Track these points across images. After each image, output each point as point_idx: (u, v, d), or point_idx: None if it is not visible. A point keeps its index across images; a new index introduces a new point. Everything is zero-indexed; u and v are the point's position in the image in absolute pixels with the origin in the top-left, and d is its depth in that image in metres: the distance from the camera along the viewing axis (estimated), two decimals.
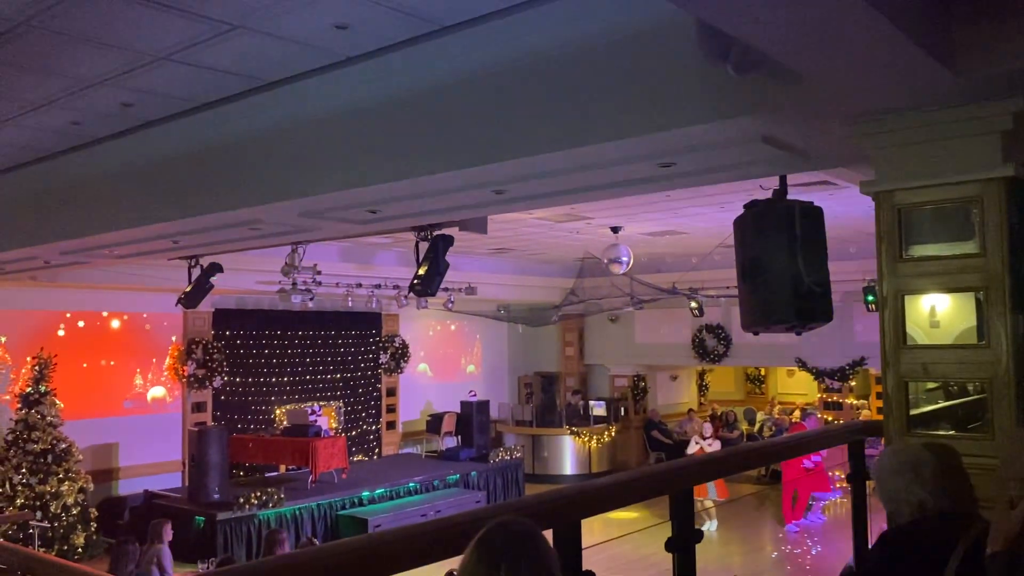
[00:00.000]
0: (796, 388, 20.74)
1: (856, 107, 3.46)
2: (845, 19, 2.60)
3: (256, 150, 5.30)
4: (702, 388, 20.74)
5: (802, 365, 15.79)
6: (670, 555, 3.01)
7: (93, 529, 10.96)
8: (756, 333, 4.91)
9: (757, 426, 18.50)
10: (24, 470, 10.56)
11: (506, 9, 3.74)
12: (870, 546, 3.82)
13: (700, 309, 14.90)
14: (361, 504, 12.33)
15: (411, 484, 13.26)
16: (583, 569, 2.70)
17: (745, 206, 4.74)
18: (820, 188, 7.90)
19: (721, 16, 2.68)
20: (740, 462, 3.82)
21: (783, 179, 4.78)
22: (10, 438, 10.67)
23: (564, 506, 2.64)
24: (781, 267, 4.45)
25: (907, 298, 3.50)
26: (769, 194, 4.68)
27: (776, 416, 17.86)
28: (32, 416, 10.76)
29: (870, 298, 12.47)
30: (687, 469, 3.15)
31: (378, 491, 12.71)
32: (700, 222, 11.18)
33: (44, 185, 6.75)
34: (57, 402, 11.02)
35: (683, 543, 3.08)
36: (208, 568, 8.29)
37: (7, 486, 10.46)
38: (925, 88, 3.18)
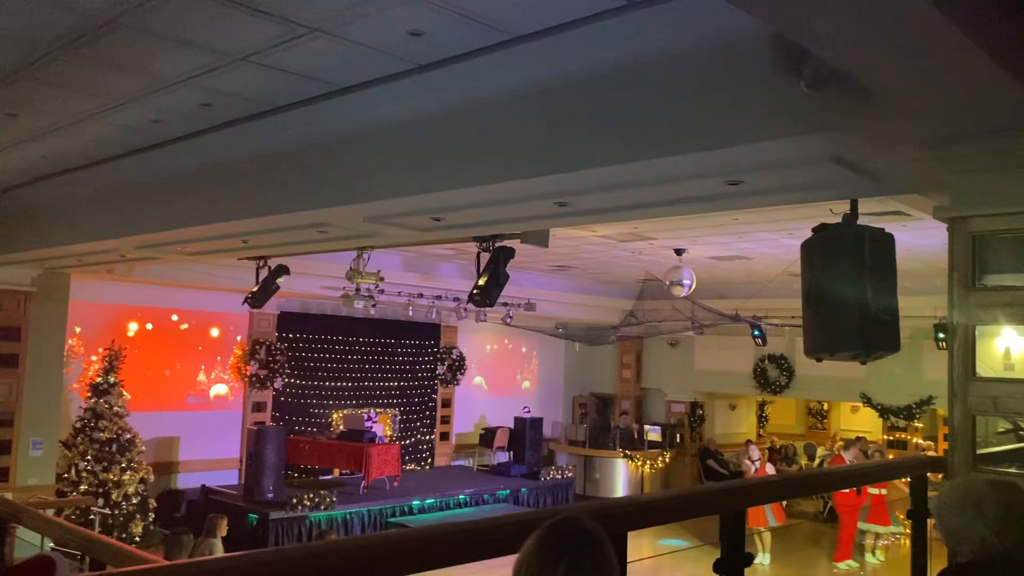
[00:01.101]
0: (860, 425, 20.11)
1: (932, 130, 3.36)
2: (926, 37, 2.53)
3: (325, 154, 5.42)
4: (762, 420, 20.28)
5: (867, 401, 15.33)
6: None
7: (151, 519, 11.23)
8: (819, 359, 4.78)
9: (817, 461, 17.98)
10: (89, 457, 10.88)
11: (578, 20, 3.75)
12: None
13: (763, 338, 14.60)
14: (411, 513, 12.39)
15: (461, 496, 13.28)
16: None
17: (814, 229, 4.64)
18: (893, 218, 7.69)
19: (796, 29, 2.64)
20: (795, 487, 3.72)
21: (854, 203, 4.67)
22: (78, 425, 11.02)
23: (613, 516, 2.61)
24: (848, 293, 4.34)
25: (978, 329, 3.38)
26: (839, 219, 4.59)
27: (837, 452, 17.35)
28: (100, 405, 11.10)
29: (940, 335, 12.06)
30: (740, 490, 3.08)
31: (428, 501, 12.76)
32: (767, 248, 10.99)
33: (124, 181, 7.00)
34: (124, 393, 11.35)
35: (732, 565, 3.01)
36: None
37: (72, 472, 10.80)
38: (1007, 112, 3.08)
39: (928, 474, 4.17)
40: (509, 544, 1.96)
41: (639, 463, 16.76)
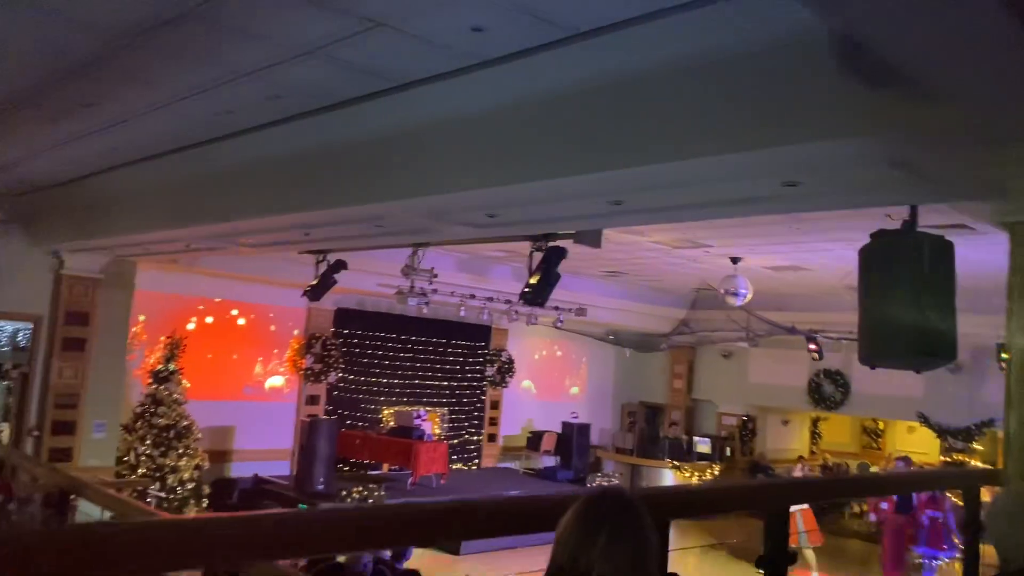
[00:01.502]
0: (916, 446, 19.58)
1: (997, 132, 3.31)
2: (992, 36, 2.50)
3: (385, 148, 5.53)
4: (815, 436, 19.90)
5: (924, 421, 14.95)
6: None
7: (205, 505, 11.53)
8: (873, 367, 4.72)
9: None
10: (148, 442, 11.23)
11: (639, 18, 3.78)
12: None
13: (819, 352, 14.36)
14: None
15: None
16: (669, 571, 2.68)
17: (872, 235, 4.59)
18: (956, 231, 7.52)
19: (855, 25, 2.64)
20: (843, 489, 3.68)
21: (913, 209, 4.60)
22: (139, 410, 11.38)
23: (655, 503, 2.62)
24: (905, 301, 4.29)
25: None
26: (899, 226, 4.53)
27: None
28: (160, 392, 11.45)
29: (1004, 356, 11.71)
30: (785, 487, 3.07)
31: None
32: (825, 259, 10.82)
33: (192, 171, 7.24)
34: (184, 381, 11.69)
35: (775, 562, 3.01)
36: None
37: (132, 455, 11.15)
38: None
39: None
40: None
41: (687, 474, 16.60)
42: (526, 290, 6.96)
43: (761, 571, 3.01)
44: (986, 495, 4.03)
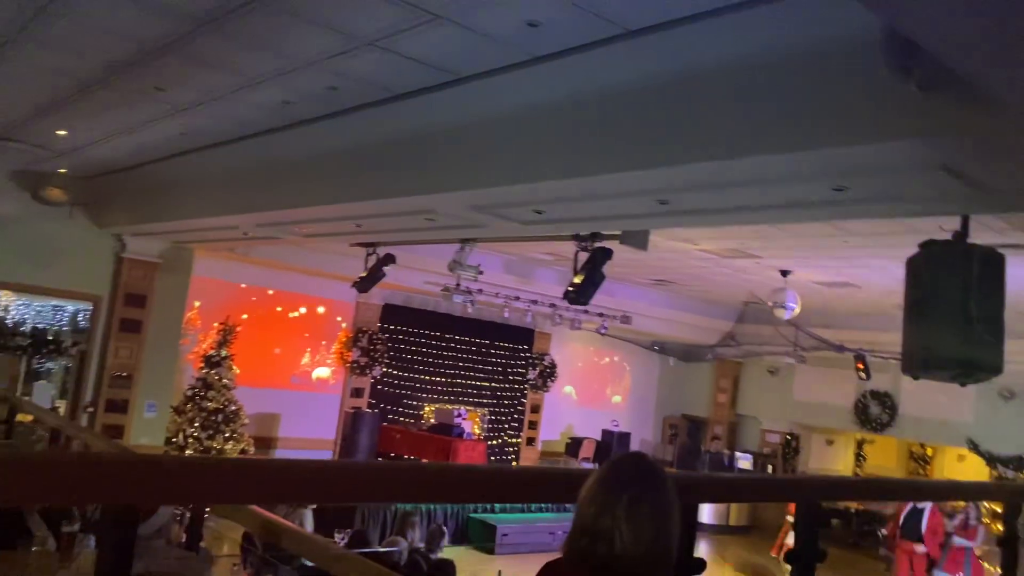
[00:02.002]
0: (965, 476, 19.06)
1: None
2: None
3: (436, 141, 5.65)
4: (859, 458, 19.53)
5: (973, 448, 14.57)
6: None
7: None
8: (916, 377, 4.68)
9: None
10: (197, 424, 11.52)
11: (693, 16, 3.84)
12: None
13: (867, 372, 14.11)
14: (492, 511, 12.54)
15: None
16: (695, 556, 2.71)
17: (921, 245, 4.56)
18: (1014, 252, 7.37)
19: (914, 25, 2.64)
20: (876, 490, 3.66)
21: (965, 220, 4.56)
22: (189, 393, 11.69)
23: (685, 486, 2.66)
24: (952, 311, 4.25)
25: None
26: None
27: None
28: (211, 377, 11.74)
29: None
30: (818, 481, 3.07)
31: None
32: (877, 276, 10.67)
33: (251, 160, 7.46)
34: (234, 367, 11.98)
35: (804, 557, 3.01)
36: (343, 538, 8.74)
37: (180, 436, 11.45)
38: None
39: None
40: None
41: None
42: (570, 289, 7.01)
43: (789, 566, 3.03)
44: None
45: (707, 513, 16.44)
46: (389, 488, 2.19)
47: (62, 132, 7.88)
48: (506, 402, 16.14)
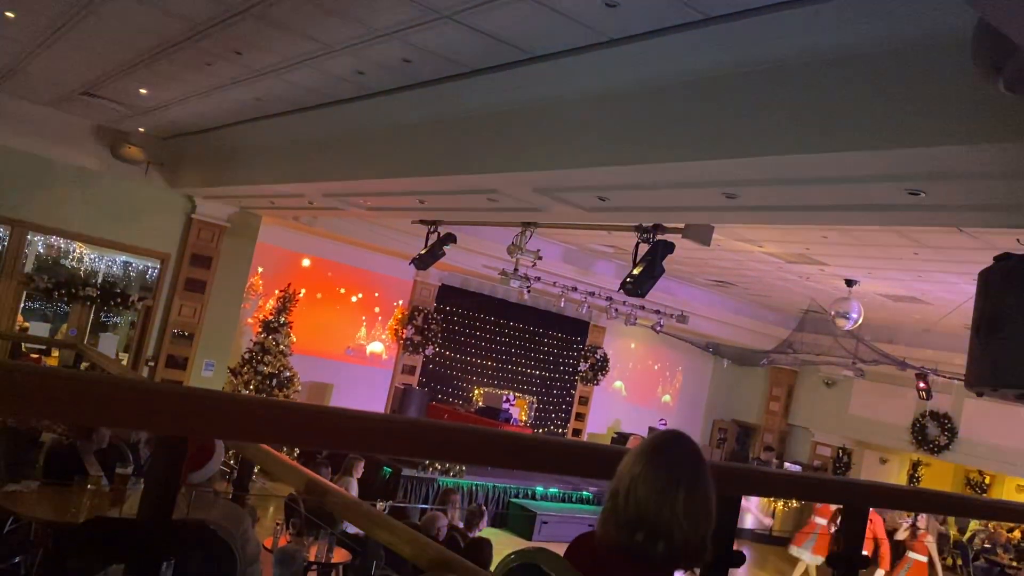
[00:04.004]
0: None
1: None
2: None
3: (504, 120, 5.65)
4: (912, 479, 19.02)
5: None
6: None
7: (295, 455, 12.01)
8: (980, 394, 4.54)
9: (967, 535, 16.69)
10: (251, 387, 11.77)
11: (776, 5, 3.75)
12: None
13: (928, 392, 13.71)
14: (533, 498, 12.57)
15: (585, 493, 13.31)
16: (734, 548, 2.67)
17: (996, 258, 4.40)
18: None
19: (1004, 16, 2.54)
20: (936, 502, 3.55)
21: None
22: (246, 356, 11.95)
23: (726, 478, 2.62)
24: (1023, 327, 4.10)
25: None
26: None
27: (992, 528, 16.02)
28: (268, 342, 11.98)
29: None
30: (867, 486, 3.00)
31: (552, 490, 12.90)
32: (946, 292, 10.35)
33: (321, 130, 7.56)
34: (291, 335, 12.21)
35: (847, 562, 2.95)
36: (385, 509, 8.86)
37: None
38: None
39: None
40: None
41: (773, 499, 16.16)
42: (628, 280, 6.95)
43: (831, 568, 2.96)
44: None
45: (750, 520, 16.23)
46: (441, 447, 2.21)
47: (143, 91, 8.10)
48: (555, 392, 16.14)
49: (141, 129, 10.17)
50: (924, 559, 9.99)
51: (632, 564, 1.74)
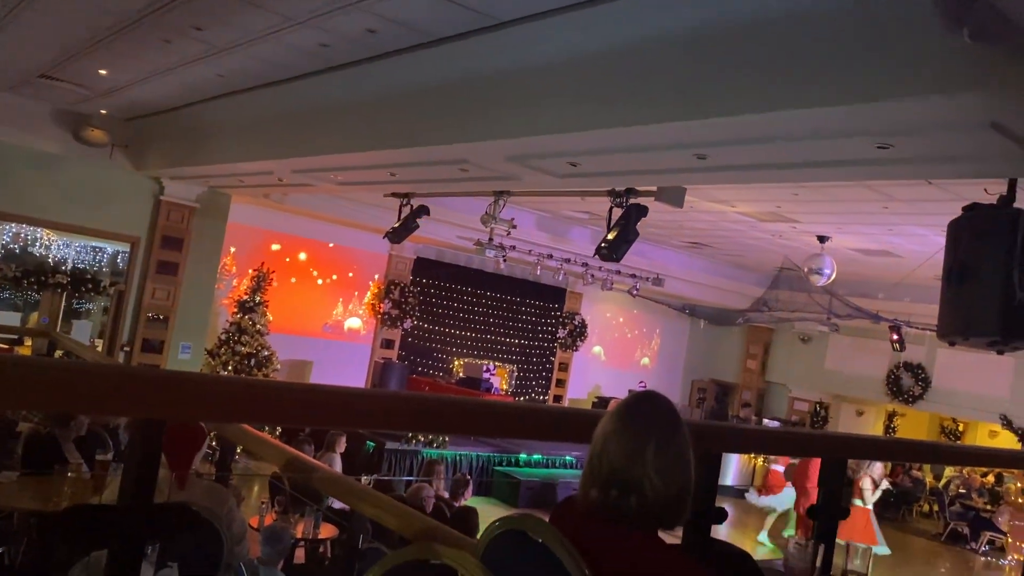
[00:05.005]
0: None
1: None
2: None
3: (472, 89, 5.59)
4: (888, 430, 19.39)
5: (1007, 424, 14.39)
6: None
7: (278, 432, 11.99)
8: (952, 343, 4.61)
9: (943, 481, 17.09)
10: (230, 368, 11.71)
11: None
12: None
13: (901, 343, 13.94)
14: (516, 465, 12.67)
15: (568, 458, 13.44)
16: (716, 505, 2.71)
17: (964, 208, 4.46)
18: None
19: None
20: (907, 452, 3.62)
21: (1012, 183, 4.44)
22: (223, 337, 11.87)
23: (706, 436, 2.65)
24: (993, 276, 4.16)
25: None
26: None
27: (967, 474, 16.41)
28: (245, 321, 11.90)
29: None
30: (844, 439, 3.05)
31: (535, 456, 13.00)
32: (916, 245, 10.47)
33: (287, 105, 7.45)
34: (268, 314, 12.13)
35: (827, 513, 3.00)
36: (370, 483, 8.89)
37: None
38: None
39: None
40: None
41: (752, 456, 16.40)
42: (602, 245, 6.96)
43: (813, 520, 3.02)
44: None
45: (731, 476, 16.49)
46: (420, 419, 2.22)
47: (103, 72, 7.93)
48: (535, 359, 16.22)
49: (103, 111, 9.96)
50: (860, 503, 10.16)
51: (612, 524, 1.75)
